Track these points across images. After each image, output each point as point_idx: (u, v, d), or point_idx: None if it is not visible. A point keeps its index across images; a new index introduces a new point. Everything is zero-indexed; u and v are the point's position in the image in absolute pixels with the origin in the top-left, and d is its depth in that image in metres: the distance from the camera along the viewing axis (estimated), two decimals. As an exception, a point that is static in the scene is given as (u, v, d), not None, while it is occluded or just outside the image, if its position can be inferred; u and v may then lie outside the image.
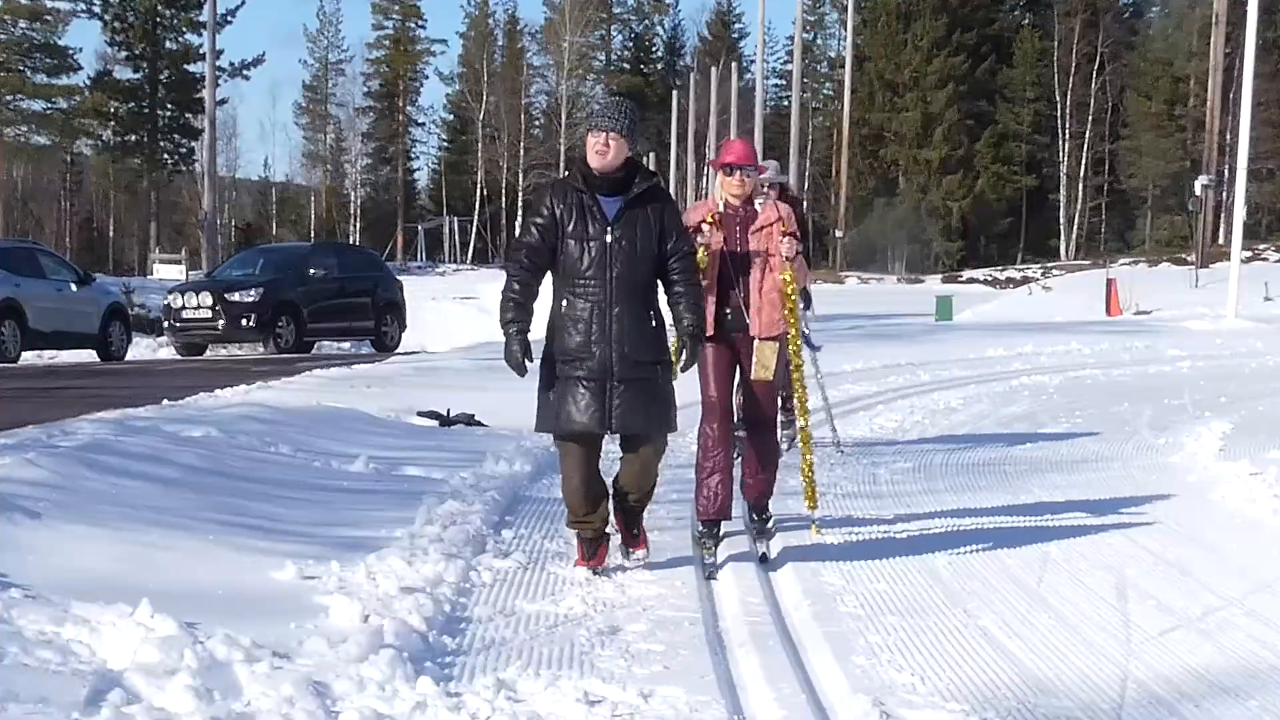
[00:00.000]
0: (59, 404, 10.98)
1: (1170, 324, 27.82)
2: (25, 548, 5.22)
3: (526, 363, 5.64)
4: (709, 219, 6.18)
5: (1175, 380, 16.08)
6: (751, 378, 6.19)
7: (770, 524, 6.39)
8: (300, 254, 25.44)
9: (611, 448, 6.27)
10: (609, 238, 5.63)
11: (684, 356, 5.86)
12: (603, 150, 5.68)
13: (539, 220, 5.71)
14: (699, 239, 6.04)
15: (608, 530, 6.05)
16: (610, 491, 6.00)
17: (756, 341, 6.17)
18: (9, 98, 54.04)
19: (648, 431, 5.80)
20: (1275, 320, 28.63)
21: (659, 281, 5.81)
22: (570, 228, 5.66)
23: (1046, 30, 70.07)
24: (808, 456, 6.55)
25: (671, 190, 57.31)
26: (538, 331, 5.73)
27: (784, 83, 77.48)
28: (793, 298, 6.28)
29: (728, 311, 6.17)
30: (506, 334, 5.67)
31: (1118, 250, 61.39)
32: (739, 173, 6.28)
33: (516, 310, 5.67)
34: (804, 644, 5.01)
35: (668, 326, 5.88)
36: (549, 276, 5.81)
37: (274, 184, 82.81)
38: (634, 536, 6.19)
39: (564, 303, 5.70)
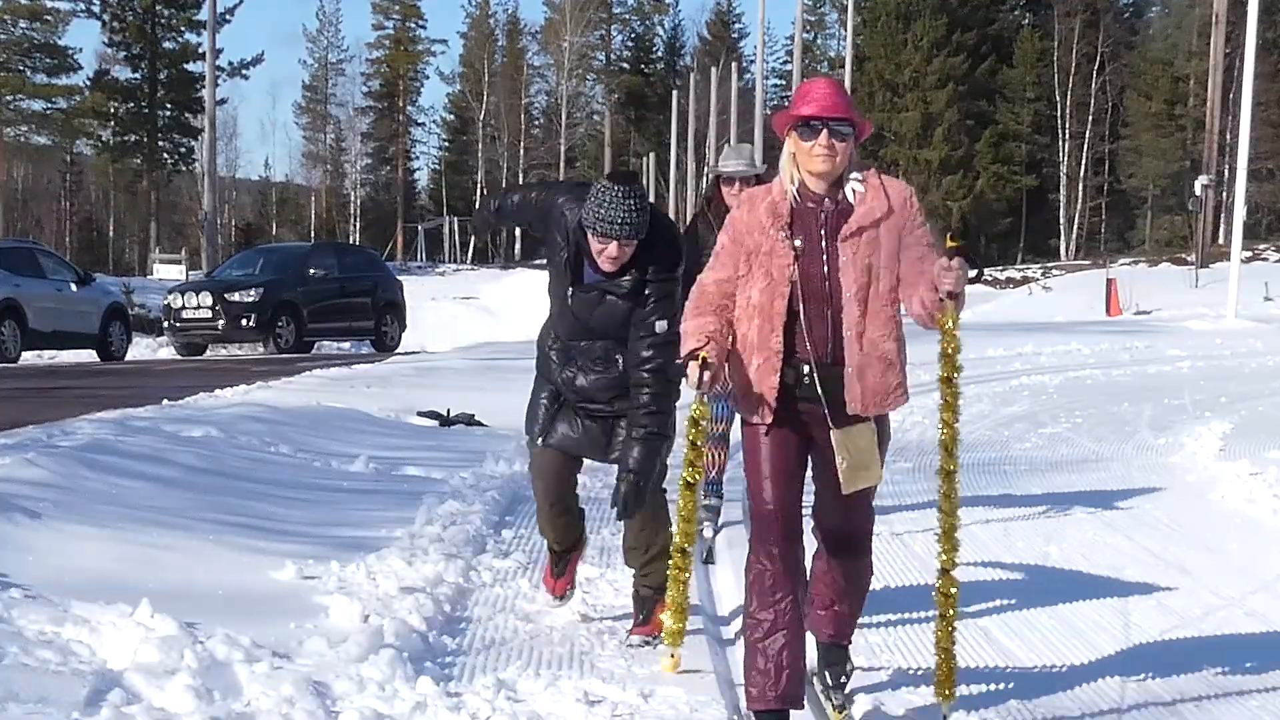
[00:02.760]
0: (59, 404, 10.98)
1: (1170, 324, 27.82)
2: (25, 548, 5.22)
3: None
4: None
5: (1175, 380, 16.07)
6: (844, 488, 3.94)
7: (849, 673, 4.37)
8: (300, 254, 25.45)
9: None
10: (569, 300, 4.87)
11: (620, 501, 4.72)
12: (613, 258, 4.70)
13: (543, 196, 5.02)
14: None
15: (577, 544, 5.31)
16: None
17: (844, 429, 3.92)
18: (9, 98, 54.02)
19: (587, 455, 5.06)
20: (1275, 320, 28.64)
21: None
22: (555, 257, 4.92)
23: (1046, 30, 70.04)
24: (949, 615, 3.96)
25: (670, 191, 57.38)
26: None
27: (784, 83, 77.44)
28: (954, 358, 3.92)
29: (806, 370, 3.91)
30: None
31: (1118, 250, 61.37)
32: (824, 133, 3.82)
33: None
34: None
35: None
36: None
37: (274, 184, 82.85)
38: (639, 623, 5.10)
39: (547, 318, 5.15)
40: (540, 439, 5.03)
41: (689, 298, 4.07)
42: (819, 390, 3.89)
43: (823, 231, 3.88)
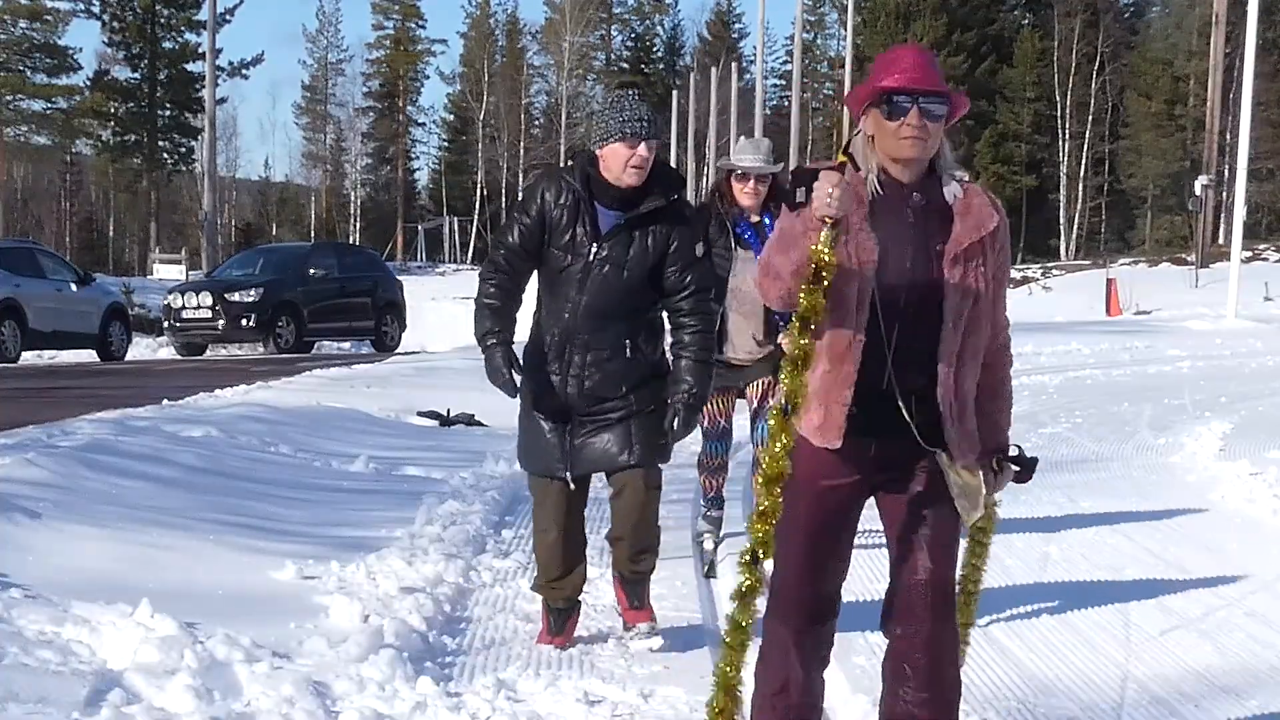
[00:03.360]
0: (59, 404, 10.98)
1: (1170, 324, 27.82)
2: (25, 548, 5.22)
3: (516, 377, 4.69)
4: (827, 218, 2.98)
5: (1175, 380, 16.07)
6: (965, 518, 3.30)
7: None
8: (300, 254, 25.47)
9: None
10: (592, 255, 4.66)
11: (674, 426, 4.69)
12: (642, 165, 4.60)
13: (525, 220, 4.72)
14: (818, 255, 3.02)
15: (580, 599, 5.05)
16: (610, 555, 5.12)
17: (951, 462, 3.22)
18: (9, 98, 54.02)
19: (612, 468, 4.78)
20: (1275, 320, 28.64)
21: (654, 314, 4.82)
22: (557, 234, 4.68)
23: (1046, 30, 70.04)
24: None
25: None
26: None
27: (784, 83, 77.43)
28: (988, 531, 3.66)
29: (883, 386, 3.18)
30: (485, 348, 4.73)
31: (1118, 250, 61.36)
32: (914, 110, 3.11)
33: (494, 318, 4.73)
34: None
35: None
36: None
37: (274, 184, 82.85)
38: (636, 608, 5.01)
39: (536, 322, 4.86)
40: (567, 472, 4.74)
41: (765, 249, 3.28)
42: (906, 414, 3.16)
43: (910, 231, 3.15)
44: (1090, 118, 68.70)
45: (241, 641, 4.37)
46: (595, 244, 4.65)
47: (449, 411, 10.95)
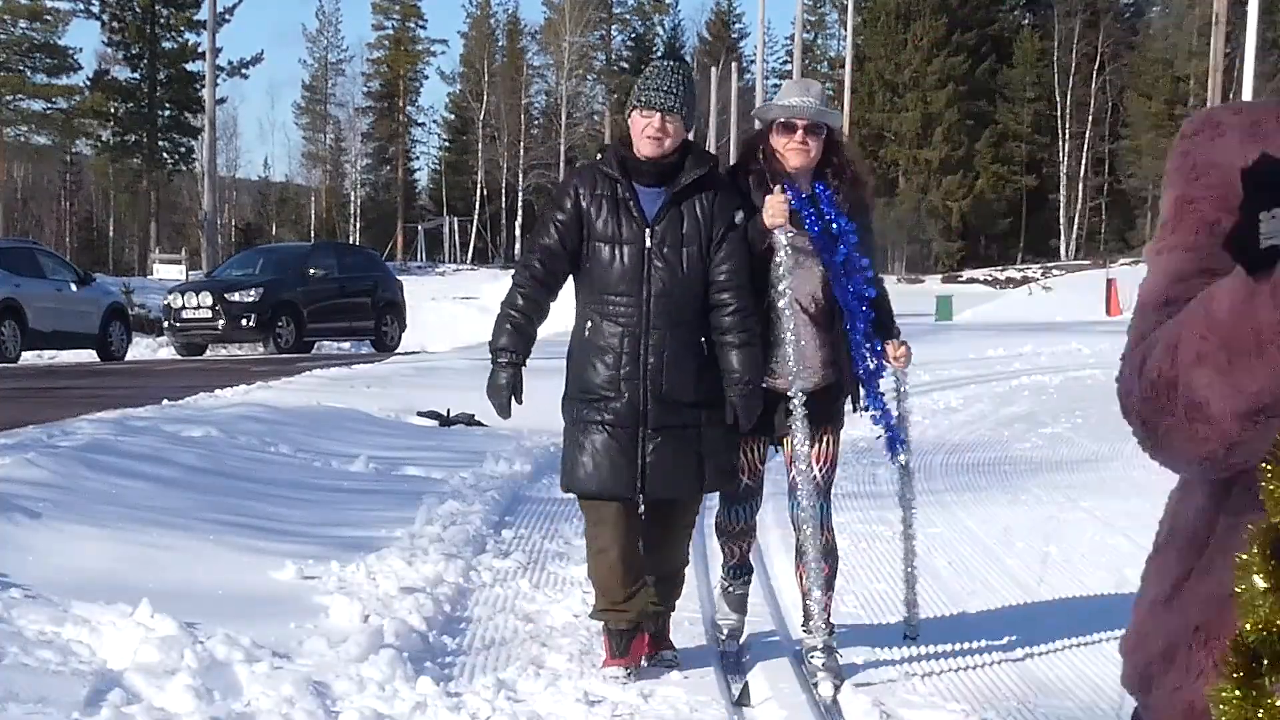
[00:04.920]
0: (59, 404, 10.98)
1: (1170, 324, 27.80)
2: (25, 548, 5.23)
3: (514, 403, 4.43)
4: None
5: (1175, 380, 16.05)
6: None
7: None
8: (300, 254, 25.48)
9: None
10: (647, 242, 4.35)
11: (737, 413, 4.37)
12: (657, 136, 4.34)
13: (561, 217, 4.42)
14: None
15: (643, 621, 4.62)
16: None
17: None
18: (9, 98, 54.00)
19: (688, 496, 4.54)
20: (1275, 320, 28.62)
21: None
22: (599, 227, 4.38)
23: (1046, 30, 70.09)
24: None
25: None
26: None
27: (784, 83, 77.45)
28: None
29: None
30: (495, 363, 4.45)
31: (1118, 250, 61.37)
32: None
33: (513, 335, 4.43)
34: (804, 644, 5.01)
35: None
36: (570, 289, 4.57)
37: (274, 184, 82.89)
38: (656, 638, 4.75)
39: (588, 325, 4.42)
40: (639, 494, 4.42)
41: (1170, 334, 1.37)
42: None
43: None
44: (1090, 118, 68.75)
45: (241, 641, 4.37)
46: (647, 229, 4.37)
47: (449, 411, 10.95)
